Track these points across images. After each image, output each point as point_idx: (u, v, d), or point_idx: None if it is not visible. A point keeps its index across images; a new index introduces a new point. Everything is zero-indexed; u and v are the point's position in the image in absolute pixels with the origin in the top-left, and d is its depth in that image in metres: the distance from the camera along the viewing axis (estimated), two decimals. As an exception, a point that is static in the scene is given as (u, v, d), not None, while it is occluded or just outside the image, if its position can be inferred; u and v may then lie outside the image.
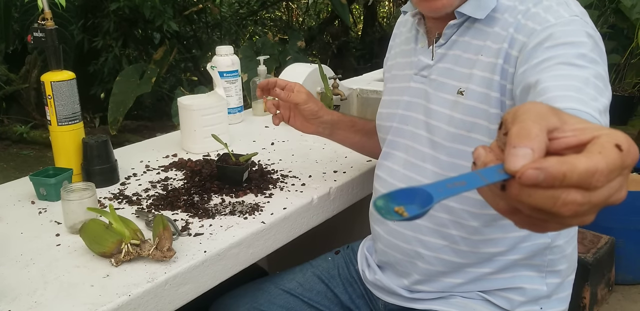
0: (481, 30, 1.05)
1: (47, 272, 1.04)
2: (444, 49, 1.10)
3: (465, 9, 1.05)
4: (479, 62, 1.04)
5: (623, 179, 0.46)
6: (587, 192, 0.43)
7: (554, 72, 0.85)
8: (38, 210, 1.31)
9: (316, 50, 5.76)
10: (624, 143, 0.45)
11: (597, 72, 0.85)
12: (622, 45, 3.79)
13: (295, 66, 2.18)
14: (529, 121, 0.46)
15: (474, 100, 1.03)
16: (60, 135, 1.42)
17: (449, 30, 1.08)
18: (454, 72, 1.08)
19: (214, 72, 1.82)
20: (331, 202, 1.42)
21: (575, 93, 0.78)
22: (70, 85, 1.42)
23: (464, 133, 1.05)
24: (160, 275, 1.02)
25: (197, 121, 1.66)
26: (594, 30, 0.96)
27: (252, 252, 1.20)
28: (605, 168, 0.43)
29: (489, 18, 1.04)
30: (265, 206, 1.30)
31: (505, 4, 1.03)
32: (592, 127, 0.47)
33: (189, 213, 1.27)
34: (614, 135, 0.46)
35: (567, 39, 0.91)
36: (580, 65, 0.85)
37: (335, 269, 1.38)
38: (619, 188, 0.46)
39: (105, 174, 1.43)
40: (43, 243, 1.15)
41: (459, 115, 1.05)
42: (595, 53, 0.90)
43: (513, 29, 0.99)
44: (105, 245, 1.06)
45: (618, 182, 0.45)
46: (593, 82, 0.82)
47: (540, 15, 0.97)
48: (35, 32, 1.41)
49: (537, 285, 1.11)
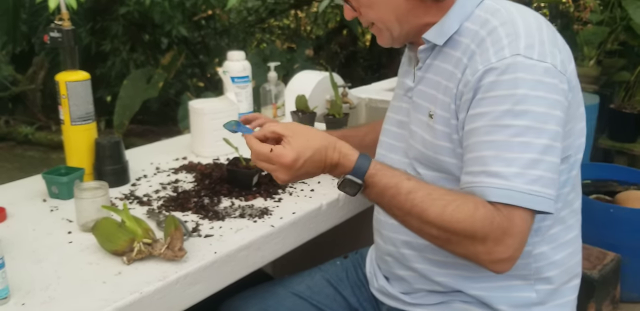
0: (448, 54, 1.09)
1: (60, 268, 1.06)
2: (421, 72, 1.15)
3: (428, 35, 1.09)
4: (443, 86, 1.08)
5: (276, 168, 1.01)
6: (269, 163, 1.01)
7: (477, 138, 0.98)
8: (50, 208, 1.33)
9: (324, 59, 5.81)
10: (275, 152, 1.00)
11: (518, 129, 0.94)
12: (633, 62, 3.82)
13: (305, 73, 2.21)
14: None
15: (440, 124, 1.07)
16: (73, 134, 1.45)
17: (423, 54, 1.13)
18: (427, 95, 1.12)
19: (225, 76, 1.86)
20: (340, 209, 1.44)
21: (481, 167, 0.96)
22: (84, 85, 1.45)
23: (431, 155, 1.10)
24: (172, 274, 1.04)
25: (208, 125, 1.68)
26: (540, 61, 0.97)
27: (262, 255, 1.23)
28: (265, 157, 1.01)
29: (453, 41, 1.07)
30: (274, 210, 1.33)
31: (468, 27, 1.06)
32: (287, 135, 1.02)
33: (199, 215, 1.29)
34: (288, 146, 1.00)
35: (497, 93, 0.96)
36: (504, 125, 0.95)
37: (344, 272, 1.41)
38: (273, 170, 1.02)
39: (117, 174, 1.46)
40: (55, 241, 1.18)
41: (429, 138, 1.10)
42: (527, 102, 0.94)
43: (467, 58, 1.03)
44: (117, 243, 1.08)
45: (271, 168, 1.02)
46: (512, 144, 0.94)
47: (488, 51, 0.99)
48: (52, 32, 1.44)
49: (526, 292, 1.13)
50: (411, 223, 1.00)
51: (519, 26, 1.01)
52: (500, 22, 1.02)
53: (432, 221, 0.96)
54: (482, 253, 0.95)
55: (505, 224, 0.93)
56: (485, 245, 0.94)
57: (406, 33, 1.13)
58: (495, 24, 1.02)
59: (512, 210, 0.93)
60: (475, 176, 0.97)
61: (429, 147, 1.10)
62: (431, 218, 0.96)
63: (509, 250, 0.93)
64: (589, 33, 3.60)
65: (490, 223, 0.93)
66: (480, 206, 0.94)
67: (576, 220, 1.17)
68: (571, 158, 1.09)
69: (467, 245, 0.96)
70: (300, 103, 1.92)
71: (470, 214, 0.93)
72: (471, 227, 0.93)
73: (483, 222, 0.92)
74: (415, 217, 0.98)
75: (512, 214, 0.93)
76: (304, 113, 1.90)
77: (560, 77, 0.98)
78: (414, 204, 0.97)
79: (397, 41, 1.15)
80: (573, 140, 1.08)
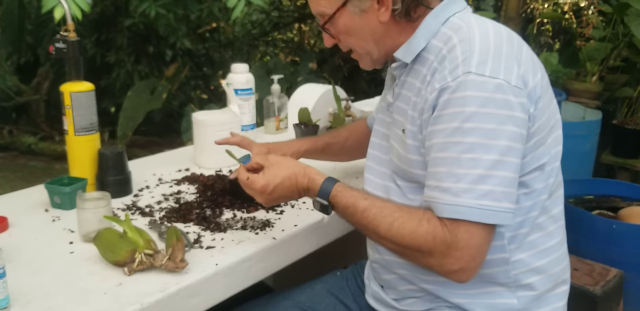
0: (417, 70, 1.13)
1: (61, 278, 1.06)
2: (398, 88, 1.18)
3: (398, 54, 1.14)
4: (412, 102, 1.11)
5: (253, 193, 1.17)
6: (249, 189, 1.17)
7: (433, 154, 1.02)
8: (52, 218, 1.34)
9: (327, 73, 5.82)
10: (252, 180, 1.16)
11: (467, 146, 0.98)
12: (635, 78, 3.84)
13: (308, 86, 2.22)
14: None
15: (410, 138, 1.11)
16: (77, 145, 1.46)
17: (397, 71, 1.18)
18: (402, 110, 1.15)
19: (229, 89, 1.87)
20: (341, 222, 1.42)
21: (436, 183, 1.01)
22: (89, 96, 1.46)
23: (406, 168, 1.13)
24: (173, 285, 1.04)
25: (211, 136, 1.68)
26: (492, 78, 0.99)
27: (263, 267, 1.23)
28: (243, 184, 1.17)
29: (421, 58, 1.12)
30: (276, 222, 1.33)
31: (435, 44, 1.09)
32: (269, 167, 1.17)
33: (201, 226, 1.29)
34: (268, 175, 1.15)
35: (449, 110, 1.00)
36: (455, 142, 0.99)
37: (344, 281, 1.42)
38: (253, 195, 1.18)
39: (119, 185, 1.46)
40: (56, 251, 1.18)
41: (403, 152, 1.13)
42: (475, 120, 0.97)
43: (430, 75, 1.07)
44: (119, 253, 1.08)
45: (251, 192, 1.18)
46: (461, 161, 0.98)
47: (445, 69, 1.03)
48: (57, 42, 1.45)
49: (508, 299, 1.14)
50: (372, 237, 1.11)
51: (474, 43, 1.03)
52: (459, 39, 1.05)
53: (383, 236, 1.06)
54: (435, 265, 1.02)
55: (449, 238, 0.99)
56: (434, 257, 1.01)
57: (385, 53, 1.18)
58: (455, 41, 1.06)
59: (458, 225, 0.99)
60: (431, 190, 1.03)
61: (403, 161, 1.14)
62: (382, 234, 1.05)
63: (459, 261, 0.99)
64: (592, 49, 3.62)
65: (433, 238, 1.00)
66: (425, 222, 1.01)
67: (557, 227, 1.18)
68: (546, 166, 1.10)
69: (419, 258, 1.04)
70: (303, 116, 1.93)
71: (412, 230, 1.02)
72: (415, 241, 1.01)
73: (425, 237, 1.00)
74: (371, 232, 1.08)
75: (457, 229, 0.99)
76: (307, 125, 1.91)
77: (515, 92, 0.99)
78: (368, 221, 1.07)
79: (377, 63, 1.21)
80: (546, 149, 1.09)
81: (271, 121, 2.11)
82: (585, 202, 2.73)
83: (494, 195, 0.97)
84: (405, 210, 1.06)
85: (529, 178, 1.08)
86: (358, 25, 1.14)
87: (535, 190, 1.09)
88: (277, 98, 2.10)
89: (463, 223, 0.98)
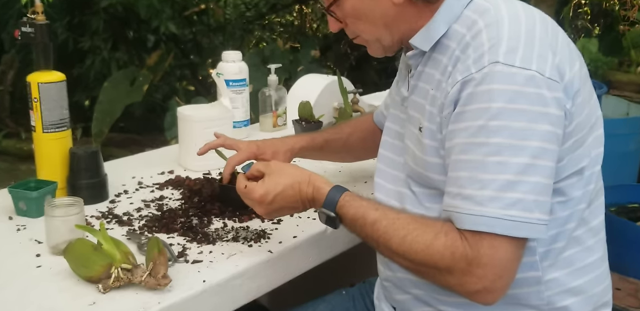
0: (436, 59, 1.12)
1: (26, 296, 1.07)
2: (414, 80, 1.18)
3: (414, 40, 1.13)
4: (430, 96, 1.10)
5: (252, 203, 1.19)
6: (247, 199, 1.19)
7: (455, 156, 1.02)
8: (16, 226, 1.34)
9: (332, 61, 5.83)
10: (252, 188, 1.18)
11: (493, 148, 0.97)
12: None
13: (310, 77, 2.23)
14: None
15: (428, 138, 1.10)
16: (45, 143, 1.46)
17: (413, 61, 1.17)
18: (419, 105, 1.15)
19: (219, 79, 1.87)
20: (347, 233, 1.42)
21: (457, 189, 1.00)
22: (59, 87, 1.46)
23: (422, 172, 1.13)
24: (153, 305, 1.04)
25: (198, 134, 1.69)
26: (522, 69, 0.98)
27: (257, 285, 1.23)
28: (241, 193, 1.20)
29: (441, 46, 1.11)
30: (272, 233, 1.33)
31: (457, 30, 1.09)
32: (269, 174, 1.18)
33: (187, 237, 1.30)
34: (267, 183, 1.16)
35: (474, 106, 0.99)
36: (479, 143, 0.98)
37: (351, 301, 1.42)
38: (252, 205, 1.20)
39: (94, 189, 1.47)
40: (21, 264, 1.18)
41: (419, 153, 1.13)
42: (503, 117, 0.97)
43: (452, 65, 1.06)
44: (92, 268, 1.09)
45: (249, 203, 1.20)
46: (486, 164, 0.97)
47: (469, 59, 1.02)
48: (24, 26, 1.45)
49: None
50: (384, 253, 1.11)
51: (503, 27, 1.02)
52: (486, 23, 1.04)
53: (395, 251, 1.05)
54: (455, 285, 1.01)
55: (470, 253, 0.97)
56: (453, 276, 1.00)
57: (398, 40, 1.17)
58: (480, 26, 1.05)
59: (480, 238, 0.97)
60: (452, 198, 1.02)
61: (419, 163, 1.13)
62: (394, 248, 1.05)
63: (482, 280, 0.97)
64: (637, 34, 3.61)
65: (452, 254, 0.99)
66: (442, 235, 1.00)
67: (597, 241, 1.16)
68: (586, 171, 1.09)
69: (436, 276, 1.03)
70: (304, 111, 1.93)
71: (427, 244, 1.01)
72: (430, 257, 1.01)
73: (442, 253, 0.99)
74: (382, 247, 1.08)
75: (479, 242, 0.97)
76: (308, 122, 1.91)
77: (549, 85, 0.99)
78: (379, 235, 1.06)
79: (389, 50, 1.20)
80: (586, 150, 1.08)
81: (267, 117, 2.11)
82: (629, 211, 2.73)
83: (524, 204, 0.96)
84: (420, 221, 1.06)
85: (566, 185, 1.07)
86: (368, 7, 1.13)
87: (573, 198, 1.08)
88: (274, 91, 2.10)
89: (486, 236, 0.97)
